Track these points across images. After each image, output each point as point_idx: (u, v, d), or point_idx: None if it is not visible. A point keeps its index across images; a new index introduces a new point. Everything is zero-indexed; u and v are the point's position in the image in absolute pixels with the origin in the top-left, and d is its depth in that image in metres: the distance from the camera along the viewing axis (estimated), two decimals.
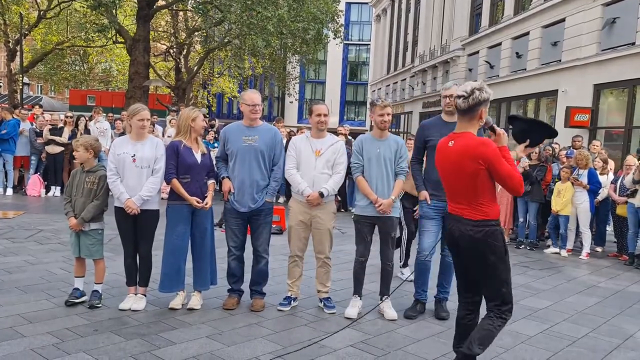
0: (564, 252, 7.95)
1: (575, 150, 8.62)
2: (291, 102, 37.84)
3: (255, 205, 4.50)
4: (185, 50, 25.95)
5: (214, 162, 4.73)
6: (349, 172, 4.77)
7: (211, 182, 4.55)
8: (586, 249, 7.82)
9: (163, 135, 11.33)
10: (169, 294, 4.56)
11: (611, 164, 9.29)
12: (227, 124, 5.47)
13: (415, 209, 5.39)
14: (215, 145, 9.85)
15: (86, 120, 11.41)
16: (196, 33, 23.98)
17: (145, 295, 4.53)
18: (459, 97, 3.11)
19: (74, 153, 4.45)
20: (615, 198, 7.94)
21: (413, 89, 34.99)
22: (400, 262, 6.06)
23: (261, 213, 4.56)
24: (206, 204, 4.43)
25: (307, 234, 4.66)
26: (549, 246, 8.42)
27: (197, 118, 4.46)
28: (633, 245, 7.58)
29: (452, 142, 3.18)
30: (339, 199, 10.73)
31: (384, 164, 4.50)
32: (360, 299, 4.65)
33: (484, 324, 3.14)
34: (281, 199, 11.22)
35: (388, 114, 4.52)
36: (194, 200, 4.37)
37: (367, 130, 41.86)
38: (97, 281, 4.53)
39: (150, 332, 3.95)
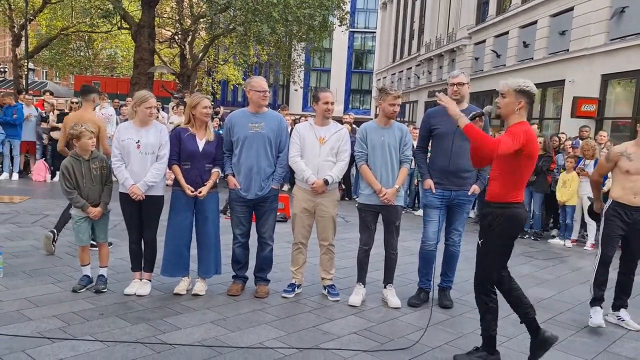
0: (568, 243, 7.95)
1: (581, 141, 8.58)
2: (296, 90, 37.67)
3: (262, 193, 4.50)
4: (190, 37, 25.81)
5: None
6: (353, 160, 4.75)
7: (215, 171, 4.50)
8: (591, 240, 7.81)
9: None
10: (173, 279, 4.59)
11: None
12: (232, 111, 5.45)
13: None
14: (220, 132, 9.83)
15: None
16: (201, 20, 23.84)
17: (150, 281, 4.56)
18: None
19: (83, 141, 4.32)
20: None
21: (419, 77, 34.80)
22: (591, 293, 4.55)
23: (267, 200, 4.57)
24: (199, 193, 4.38)
25: (310, 221, 4.67)
26: (553, 236, 8.43)
27: (197, 105, 4.42)
28: None
29: None
30: (343, 187, 10.73)
31: (389, 152, 4.48)
32: (364, 286, 4.66)
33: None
34: (285, 187, 11.23)
35: (398, 105, 4.49)
36: (187, 188, 4.36)
37: (372, 119, 41.59)
38: (102, 264, 4.57)
39: (156, 317, 3.98)
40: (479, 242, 3.49)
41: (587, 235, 8.06)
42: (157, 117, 4.71)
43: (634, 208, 4.38)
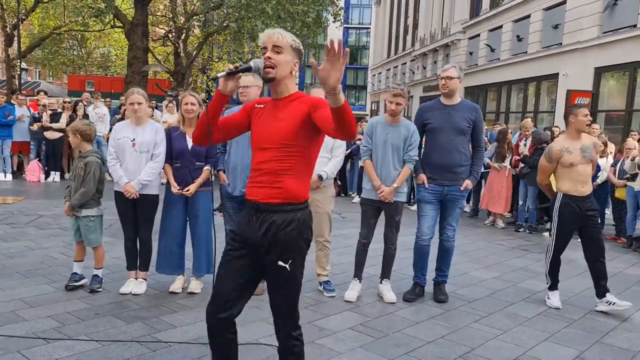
0: None
1: None
2: None
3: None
4: (184, 35, 25.70)
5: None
6: (349, 157, 4.76)
7: (206, 169, 4.47)
8: None
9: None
10: (169, 278, 4.59)
11: (611, 147, 9.28)
12: (227, 109, 5.43)
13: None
14: None
15: (84, 106, 11.38)
16: (194, 17, 23.75)
17: (145, 280, 4.56)
18: None
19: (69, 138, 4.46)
20: (615, 181, 7.94)
21: (413, 73, 34.82)
22: (547, 283, 4.85)
23: None
24: (187, 191, 4.38)
25: None
26: (548, 230, 8.46)
27: (181, 102, 4.45)
28: (631, 228, 7.60)
29: None
30: (339, 183, 10.74)
31: (390, 150, 4.48)
32: (360, 282, 4.67)
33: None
34: None
35: (398, 104, 4.41)
36: (173, 186, 4.38)
37: (367, 115, 41.69)
38: (97, 266, 4.55)
39: (151, 315, 3.97)
40: (287, 266, 2.46)
41: None
42: (152, 116, 4.72)
43: (582, 198, 4.57)
